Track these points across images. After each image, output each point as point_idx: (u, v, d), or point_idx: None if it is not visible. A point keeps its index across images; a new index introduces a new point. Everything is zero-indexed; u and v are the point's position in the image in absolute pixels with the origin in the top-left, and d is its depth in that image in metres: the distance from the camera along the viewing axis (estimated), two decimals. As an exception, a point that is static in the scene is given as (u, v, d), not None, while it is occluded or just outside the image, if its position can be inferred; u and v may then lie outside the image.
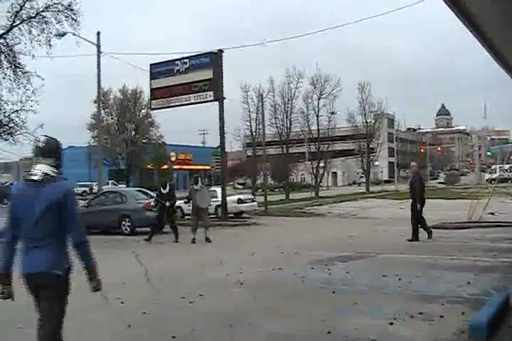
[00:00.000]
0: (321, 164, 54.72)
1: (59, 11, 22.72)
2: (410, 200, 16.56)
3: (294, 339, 6.66)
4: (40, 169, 4.63)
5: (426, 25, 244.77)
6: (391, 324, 6.84)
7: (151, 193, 23.25)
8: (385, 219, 23.57)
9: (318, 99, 54.23)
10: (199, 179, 18.80)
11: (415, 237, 15.76)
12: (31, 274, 4.56)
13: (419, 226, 15.98)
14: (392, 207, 32.05)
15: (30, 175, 4.66)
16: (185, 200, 19.34)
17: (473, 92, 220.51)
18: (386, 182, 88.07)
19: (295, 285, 9.70)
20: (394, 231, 18.65)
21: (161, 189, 18.60)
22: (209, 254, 14.42)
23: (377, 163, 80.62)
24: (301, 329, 6.94)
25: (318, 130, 55.38)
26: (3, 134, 22.57)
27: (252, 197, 30.74)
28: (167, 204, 18.12)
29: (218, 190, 26.26)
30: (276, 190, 67.22)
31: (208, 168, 40.48)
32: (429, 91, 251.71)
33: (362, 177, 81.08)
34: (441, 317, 7.12)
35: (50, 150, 4.71)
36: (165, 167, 67.00)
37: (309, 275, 10.43)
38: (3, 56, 22.46)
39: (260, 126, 45.32)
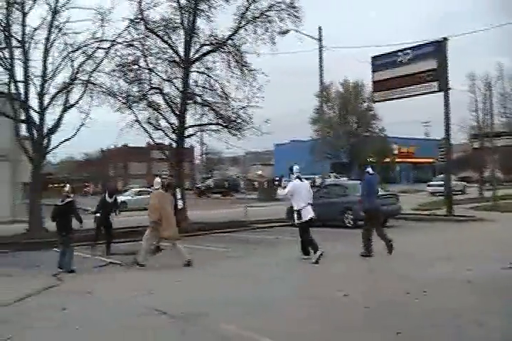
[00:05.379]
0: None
1: (281, 9, 23.32)
2: None
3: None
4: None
5: None
6: None
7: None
8: None
9: (556, 84, 50.18)
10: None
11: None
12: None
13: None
14: None
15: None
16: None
17: None
18: None
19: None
20: None
21: (106, 197, 16.18)
22: (435, 249, 13.97)
23: None
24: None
25: (555, 118, 51.32)
26: (231, 130, 23.78)
27: None
28: (114, 215, 16.19)
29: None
30: (506, 183, 63.37)
31: (431, 160, 39.33)
32: None
33: None
34: None
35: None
36: (387, 160, 66.32)
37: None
38: (231, 56, 23.66)
39: (488, 117, 42.95)
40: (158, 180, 13.81)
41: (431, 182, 49.01)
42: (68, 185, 13.67)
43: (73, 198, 13.29)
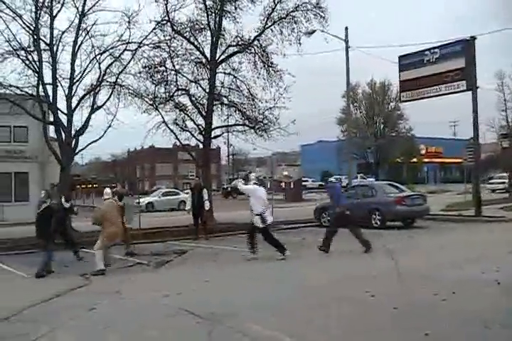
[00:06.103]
0: None
1: (308, 9, 23.27)
2: None
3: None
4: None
5: None
6: None
7: (402, 187, 22.99)
8: None
9: None
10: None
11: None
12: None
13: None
14: None
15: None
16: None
17: None
18: None
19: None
20: None
21: (63, 201, 15.61)
22: (462, 250, 13.82)
23: None
24: None
25: None
26: (258, 130, 23.80)
27: None
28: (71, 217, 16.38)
29: None
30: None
31: (459, 161, 38.95)
32: None
33: None
34: None
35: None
36: (414, 160, 65.87)
37: None
38: (257, 57, 23.68)
39: (517, 116, 42.45)
40: (108, 190, 14.30)
41: (491, 180, 48.96)
42: (43, 191, 14.34)
43: (50, 204, 13.57)
